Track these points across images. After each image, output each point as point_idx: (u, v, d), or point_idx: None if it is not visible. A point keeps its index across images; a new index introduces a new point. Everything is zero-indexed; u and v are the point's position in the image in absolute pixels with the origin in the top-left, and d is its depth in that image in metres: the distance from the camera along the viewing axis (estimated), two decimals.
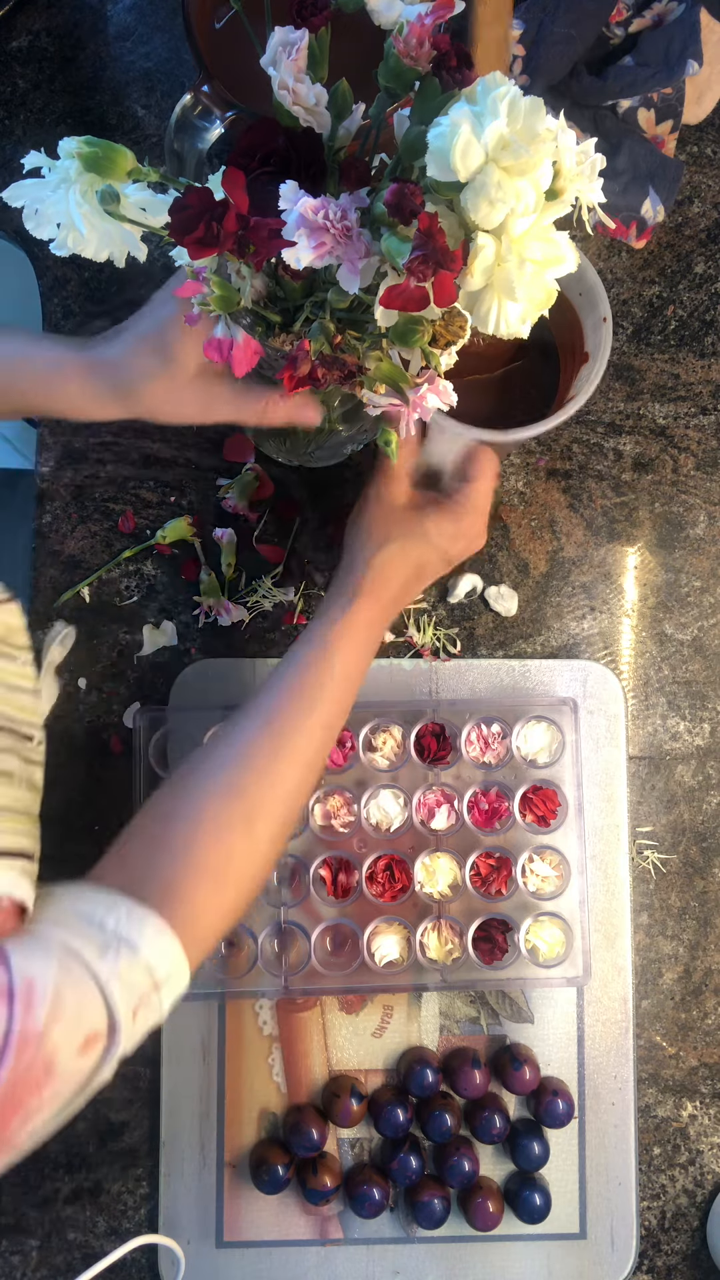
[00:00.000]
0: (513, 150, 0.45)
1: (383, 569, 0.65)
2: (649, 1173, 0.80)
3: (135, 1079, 0.79)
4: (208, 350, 0.53)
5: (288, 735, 0.60)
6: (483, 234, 0.47)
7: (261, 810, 0.58)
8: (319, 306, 0.53)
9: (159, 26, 0.85)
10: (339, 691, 0.63)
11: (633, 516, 0.84)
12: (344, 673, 0.63)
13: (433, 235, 0.45)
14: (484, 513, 0.68)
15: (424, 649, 0.82)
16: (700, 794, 0.83)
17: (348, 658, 0.64)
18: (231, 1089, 0.79)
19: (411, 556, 0.66)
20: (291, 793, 0.60)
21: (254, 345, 0.52)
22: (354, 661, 0.64)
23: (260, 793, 0.58)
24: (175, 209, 0.47)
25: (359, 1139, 0.79)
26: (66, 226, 0.52)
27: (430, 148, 0.46)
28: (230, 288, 0.50)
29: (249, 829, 0.57)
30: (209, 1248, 0.78)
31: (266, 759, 0.59)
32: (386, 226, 0.48)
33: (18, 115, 0.85)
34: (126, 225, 0.53)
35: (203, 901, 0.55)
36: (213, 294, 0.50)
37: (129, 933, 0.50)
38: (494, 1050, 0.80)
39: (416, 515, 0.66)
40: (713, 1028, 0.81)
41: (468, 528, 0.67)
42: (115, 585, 0.82)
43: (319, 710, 0.62)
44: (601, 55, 0.82)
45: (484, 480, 0.67)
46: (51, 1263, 0.78)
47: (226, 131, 0.69)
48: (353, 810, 0.78)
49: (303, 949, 0.78)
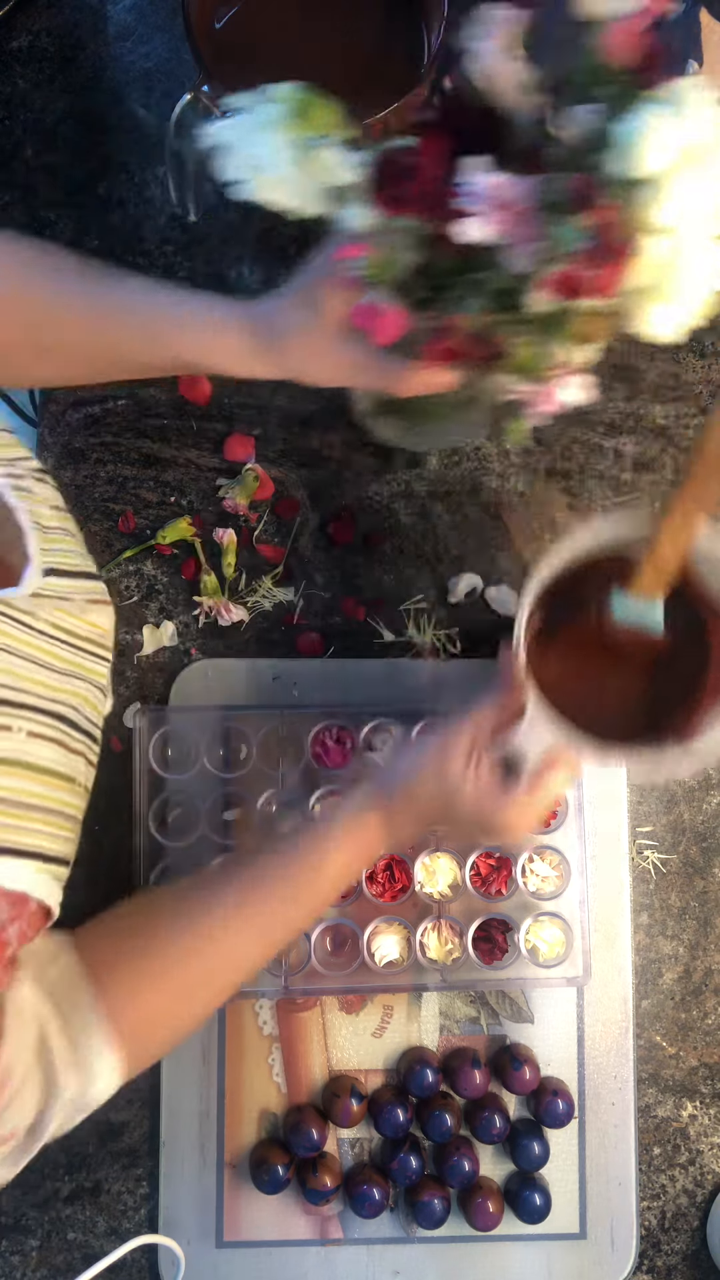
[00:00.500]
0: (700, 156, 0.46)
1: (408, 808, 0.63)
2: (649, 1173, 0.80)
3: (135, 1079, 0.79)
4: (356, 316, 0.54)
5: (264, 918, 0.62)
6: (655, 233, 0.48)
7: (221, 972, 0.61)
8: (471, 286, 0.53)
9: (159, 26, 0.85)
10: (324, 894, 0.64)
11: None
12: (335, 877, 0.64)
13: (610, 228, 0.46)
14: (527, 821, 0.62)
15: (424, 649, 0.82)
16: (700, 794, 0.83)
17: (342, 868, 0.64)
18: (231, 1089, 0.79)
19: (431, 814, 0.64)
20: (248, 963, 0.62)
21: (401, 316, 0.53)
22: (347, 872, 0.64)
23: (221, 958, 0.61)
24: (377, 163, 0.48)
25: (359, 1139, 0.79)
26: (256, 169, 0.53)
27: (618, 143, 0.47)
28: (388, 256, 0.51)
29: (207, 980, 0.61)
30: (209, 1248, 0.78)
31: (236, 931, 0.61)
32: (562, 214, 0.48)
33: (18, 115, 0.85)
34: (316, 177, 0.53)
35: (155, 1018, 0.60)
36: (372, 259, 0.51)
37: (93, 1061, 0.55)
38: (494, 1050, 0.80)
39: (456, 788, 0.62)
40: (713, 1028, 0.81)
41: (498, 821, 0.62)
42: (115, 585, 0.82)
43: (300, 903, 0.63)
44: None
45: (541, 790, 0.62)
46: (51, 1263, 0.78)
47: None
48: None
49: (303, 949, 0.78)
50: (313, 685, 0.81)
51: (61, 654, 0.59)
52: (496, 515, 0.83)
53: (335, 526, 0.82)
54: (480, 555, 0.83)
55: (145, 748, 0.78)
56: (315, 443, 0.83)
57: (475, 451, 0.83)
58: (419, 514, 0.83)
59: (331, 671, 0.81)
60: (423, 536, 0.83)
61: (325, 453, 0.83)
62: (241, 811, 0.80)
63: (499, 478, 0.83)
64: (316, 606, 0.82)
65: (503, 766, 0.62)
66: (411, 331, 0.54)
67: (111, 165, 0.84)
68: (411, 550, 0.83)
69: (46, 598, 0.58)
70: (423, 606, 0.83)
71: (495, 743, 0.62)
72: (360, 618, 0.82)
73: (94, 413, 0.83)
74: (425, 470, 0.83)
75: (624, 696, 0.66)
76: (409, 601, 0.82)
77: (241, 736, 0.79)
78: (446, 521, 0.83)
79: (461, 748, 0.62)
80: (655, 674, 0.66)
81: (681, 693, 0.64)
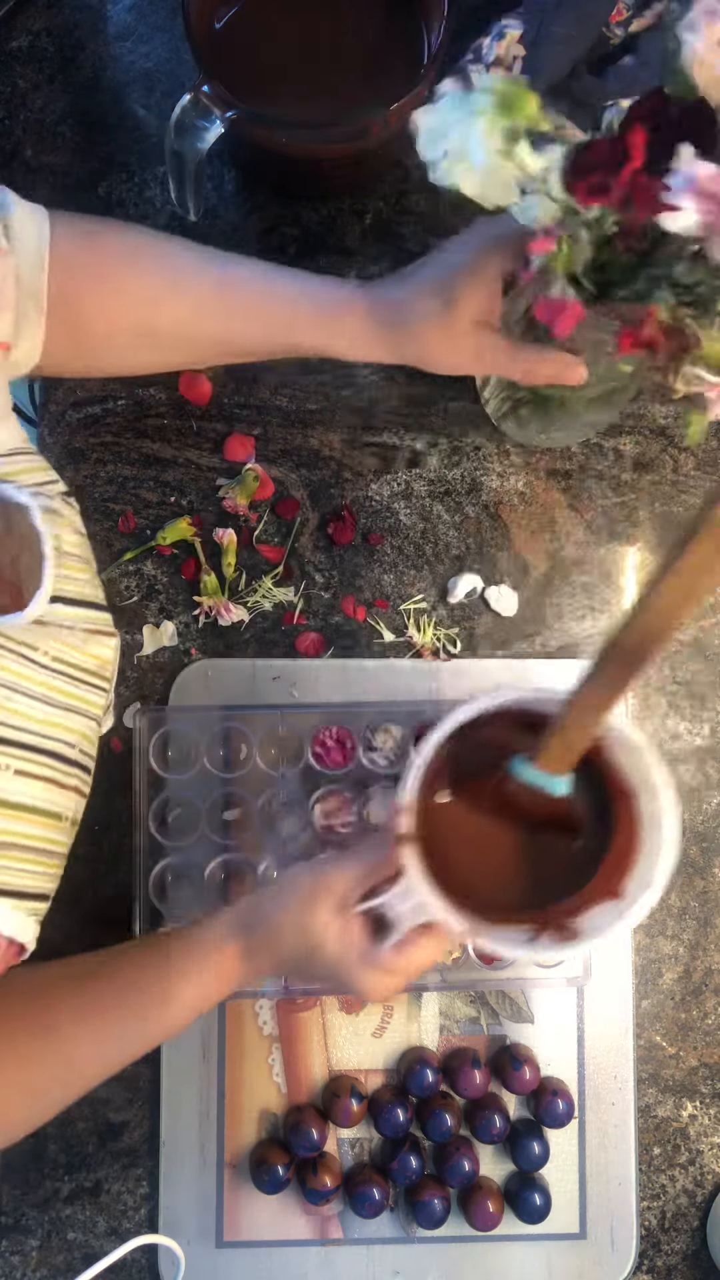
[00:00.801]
0: None
1: (267, 949, 0.60)
2: (649, 1173, 0.80)
3: (135, 1079, 0.79)
4: (539, 310, 0.55)
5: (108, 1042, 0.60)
6: None
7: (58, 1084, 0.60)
8: (656, 280, 0.54)
9: (159, 26, 0.85)
10: (173, 1022, 0.60)
11: (633, 516, 0.84)
12: (185, 1007, 0.60)
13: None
14: (385, 989, 0.58)
15: (424, 649, 0.82)
16: (700, 794, 0.83)
17: (192, 1000, 0.60)
18: (231, 1089, 0.79)
19: (291, 963, 0.60)
20: (92, 1076, 0.60)
21: (579, 309, 0.54)
22: (199, 1002, 0.61)
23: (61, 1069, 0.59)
24: (579, 153, 0.48)
25: (359, 1139, 0.79)
26: (455, 157, 0.53)
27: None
28: (574, 249, 0.52)
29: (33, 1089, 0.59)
30: (209, 1248, 0.78)
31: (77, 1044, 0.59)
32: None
33: (18, 115, 0.85)
34: (513, 167, 0.53)
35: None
36: (561, 252, 0.52)
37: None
38: (494, 1050, 0.80)
39: (318, 943, 0.57)
40: (713, 1028, 0.81)
41: (355, 986, 0.58)
42: (115, 585, 0.82)
43: (148, 1032, 0.60)
44: (601, 55, 0.82)
45: (405, 964, 0.57)
46: (51, 1263, 0.78)
47: (227, 131, 0.69)
48: (352, 810, 0.78)
49: None
50: (313, 685, 0.81)
51: (62, 687, 0.58)
52: (496, 515, 0.83)
53: (335, 526, 0.82)
54: (480, 555, 0.83)
55: (145, 748, 0.78)
56: (315, 443, 0.83)
57: (475, 451, 0.83)
58: (419, 514, 0.83)
59: (331, 671, 0.81)
60: (423, 536, 0.83)
61: (325, 453, 0.83)
62: (241, 811, 0.80)
63: (499, 478, 0.83)
64: (316, 606, 0.82)
65: (371, 926, 0.57)
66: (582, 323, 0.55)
67: (111, 165, 0.84)
68: (411, 550, 0.83)
69: (49, 625, 0.57)
70: (423, 606, 0.83)
71: (366, 900, 0.57)
72: (360, 618, 0.82)
73: (94, 413, 0.83)
74: (425, 470, 0.83)
75: (516, 871, 0.59)
76: (409, 601, 0.82)
77: (241, 736, 0.79)
78: (446, 521, 0.83)
79: (331, 900, 0.57)
80: (554, 851, 0.59)
81: (577, 874, 0.59)
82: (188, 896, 0.79)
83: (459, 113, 0.53)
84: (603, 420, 0.74)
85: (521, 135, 0.52)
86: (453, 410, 0.83)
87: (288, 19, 0.75)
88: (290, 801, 0.79)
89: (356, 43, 0.75)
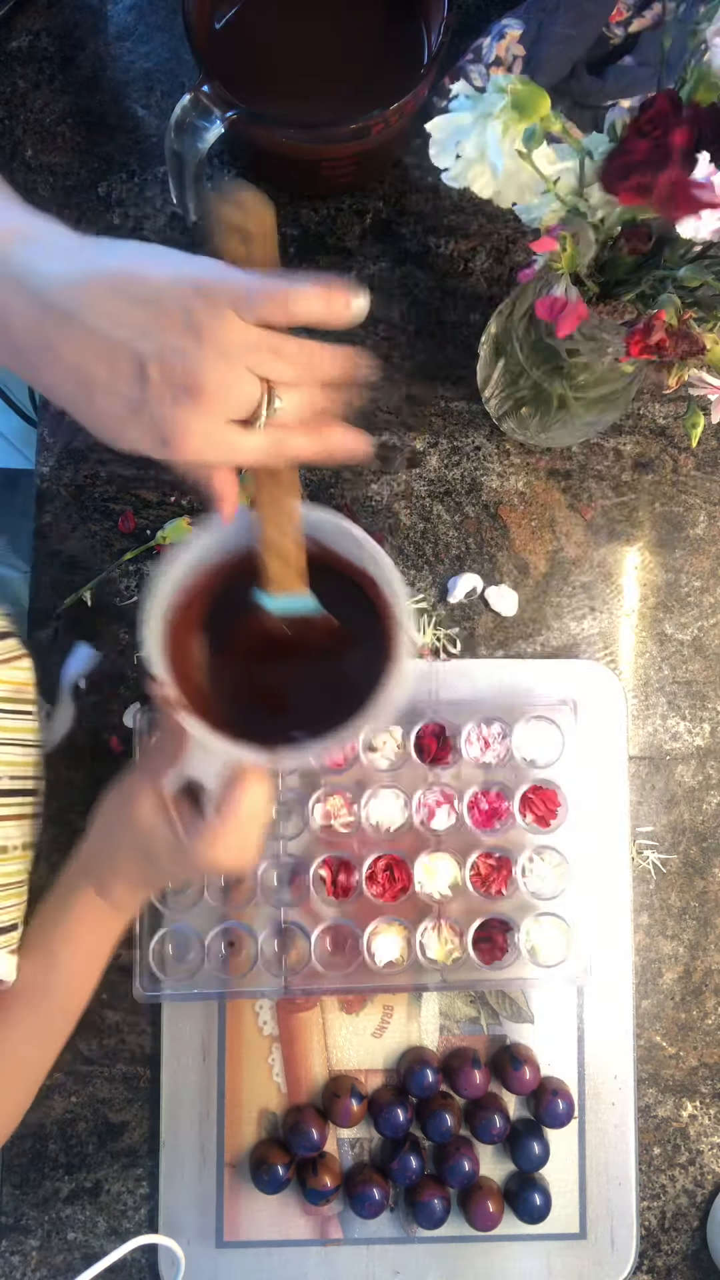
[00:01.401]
0: None
1: (114, 874, 0.62)
2: (649, 1173, 0.80)
3: (135, 1079, 0.79)
4: (539, 308, 0.55)
5: (34, 1029, 0.64)
6: None
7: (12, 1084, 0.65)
8: (662, 282, 0.54)
9: (159, 26, 0.85)
10: (80, 985, 0.65)
11: (633, 516, 0.84)
12: (73, 969, 0.63)
13: None
14: (227, 849, 0.58)
15: (424, 649, 0.82)
16: (700, 794, 0.83)
17: (82, 961, 0.63)
18: (231, 1089, 0.79)
19: (142, 871, 0.61)
20: (36, 1071, 0.66)
21: (582, 309, 0.54)
22: (94, 959, 0.64)
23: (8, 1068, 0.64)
24: (618, 154, 0.49)
25: (359, 1139, 0.79)
26: (470, 160, 0.54)
27: None
28: (578, 250, 0.53)
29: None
30: (209, 1248, 0.78)
31: (14, 1044, 0.64)
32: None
33: (18, 115, 0.85)
34: (529, 169, 0.54)
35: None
36: (564, 253, 0.53)
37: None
38: (494, 1050, 0.80)
39: (149, 836, 0.58)
40: (713, 1028, 0.81)
41: (200, 861, 0.58)
42: (115, 585, 0.82)
43: (50, 1002, 0.63)
44: (601, 55, 0.82)
45: (231, 818, 0.57)
46: (51, 1263, 0.78)
47: (226, 131, 0.69)
48: (353, 810, 0.78)
49: (303, 949, 0.78)
50: None
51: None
52: (496, 515, 0.83)
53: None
54: (480, 555, 0.83)
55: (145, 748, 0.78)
56: None
57: (475, 451, 0.83)
58: (419, 514, 0.83)
59: None
60: (423, 536, 0.83)
61: None
62: None
63: (499, 478, 0.83)
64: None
65: (190, 800, 0.58)
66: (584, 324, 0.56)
67: (111, 165, 0.84)
68: (411, 550, 0.83)
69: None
70: (423, 606, 0.83)
71: (172, 779, 0.59)
72: None
73: None
74: (425, 470, 0.83)
75: (315, 698, 0.61)
76: (409, 601, 0.82)
77: None
78: (446, 521, 0.83)
79: (145, 796, 0.58)
80: (348, 666, 0.61)
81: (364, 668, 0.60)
82: (188, 896, 0.79)
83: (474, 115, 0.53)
84: (603, 420, 0.75)
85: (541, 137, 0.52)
86: (453, 410, 0.83)
87: (288, 19, 0.75)
88: (290, 801, 0.79)
89: (356, 42, 0.75)
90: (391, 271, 0.84)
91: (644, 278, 0.55)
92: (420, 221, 0.84)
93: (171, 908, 0.78)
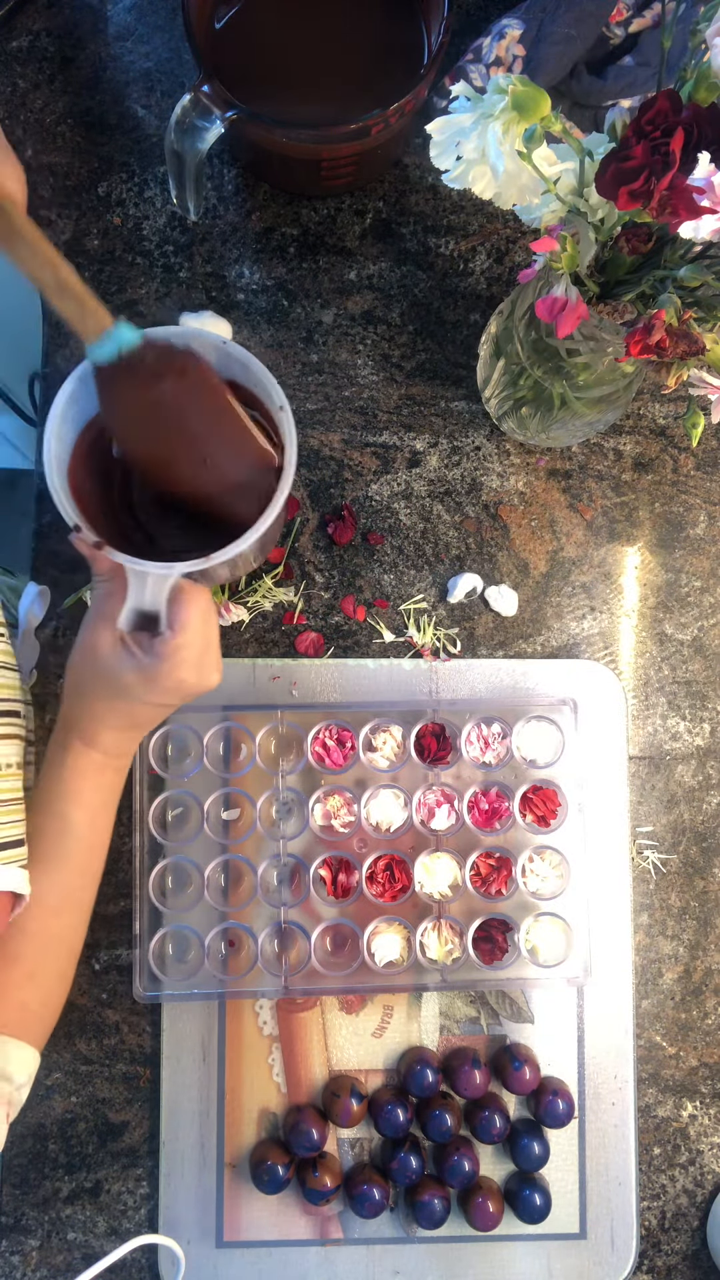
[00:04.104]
0: None
1: (93, 720, 0.65)
2: (649, 1173, 0.80)
3: (135, 1079, 0.79)
4: (539, 308, 0.56)
5: (74, 894, 0.67)
6: None
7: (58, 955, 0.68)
8: (661, 282, 0.54)
9: (159, 26, 0.85)
10: (97, 842, 0.68)
11: (633, 516, 0.84)
12: (83, 824, 0.66)
13: None
14: (188, 662, 0.62)
15: (424, 649, 0.82)
16: (700, 794, 0.83)
17: (83, 811, 0.66)
18: (231, 1089, 0.79)
19: (119, 711, 0.64)
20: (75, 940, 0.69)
21: (582, 309, 0.55)
22: (103, 812, 0.67)
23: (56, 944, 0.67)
24: (616, 158, 0.49)
25: (359, 1139, 0.79)
26: (470, 162, 0.54)
27: None
28: (578, 250, 0.54)
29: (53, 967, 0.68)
30: (209, 1248, 0.78)
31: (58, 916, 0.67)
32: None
33: (18, 115, 0.85)
34: (530, 170, 0.54)
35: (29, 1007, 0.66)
36: (564, 253, 0.53)
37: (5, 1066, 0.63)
38: (494, 1050, 0.80)
39: (116, 671, 0.62)
40: (713, 1028, 0.81)
41: (168, 680, 0.62)
42: None
43: (70, 864, 0.67)
44: (601, 55, 0.82)
45: (183, 631, 0.61)
46: (51, 1263, 0.78)
47: (226, 131, 0.69)
48: (353, 810, 0.78)
49: (303, 949, 0.78)
50: (312, 685, 0.81)
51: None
52: (496, 515, 0.83)
53: (335, 526, 0.82)
54: (480, 555, 0.83)
55: (145, 747, 0.78)
56: (315, 443, 0.83)
57: (475, 451, 0.83)
58: (419, 514, 0.83)
59: (331, 671, 0.81)
60: (423, 536, 0.83)
61: (325, 453, 0.83)
62: (241, 811, 0.80)
63: (499, 478, 0.83)
64: (316, 606, 0.82)
65: (144, 629, 0.63)
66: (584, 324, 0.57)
67: (111, 165, 0.84)
68: (411, 550, 0.83)
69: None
70: (423, 606, 0.83)
71: (124, 616, 0.62)
72: (360, 618, 0.82)
73: None
74: (425, 470, 0.83)
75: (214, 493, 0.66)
76: (409, 601, 0.82)
77: (241, 736, 0.79)
78: (446, 521, 0.83)
79: (102, 637, 0.62)
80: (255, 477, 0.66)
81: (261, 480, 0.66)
82: (188, 896, 0.79)
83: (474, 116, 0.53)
84: (603, 420, 0.75)
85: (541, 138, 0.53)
86: (453, 410, 0.83)
87: (288, 19, 0.75)
88: (290, 801, 0.79)
89: (356, 42, 0.75)
90: (391, 271, 0.84)
91: (644, 278, 0.55)
92: (420, 221, 0.84)
93: (171, 908, 0.78)
